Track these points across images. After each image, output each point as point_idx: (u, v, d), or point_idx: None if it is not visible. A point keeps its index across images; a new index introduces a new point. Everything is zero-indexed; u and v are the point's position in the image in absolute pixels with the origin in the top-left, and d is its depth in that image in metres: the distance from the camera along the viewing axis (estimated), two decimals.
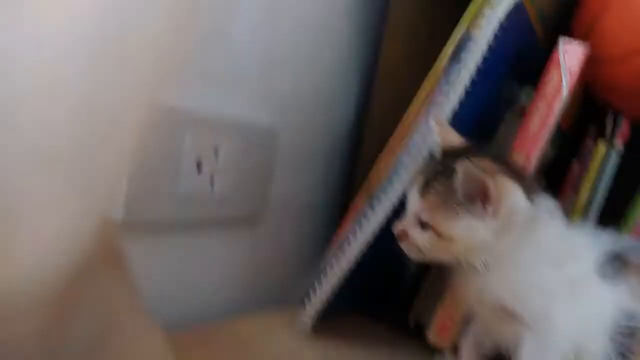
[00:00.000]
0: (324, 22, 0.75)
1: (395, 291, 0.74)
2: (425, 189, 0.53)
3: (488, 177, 0.49)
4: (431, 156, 0.58)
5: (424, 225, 0.52)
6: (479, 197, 0.50)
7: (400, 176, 0.60)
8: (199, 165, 0.62)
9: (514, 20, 0.61)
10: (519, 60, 0.69)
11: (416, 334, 0.68)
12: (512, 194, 0.51)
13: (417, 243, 0.53)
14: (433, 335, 0.66)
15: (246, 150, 0.67)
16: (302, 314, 0.65)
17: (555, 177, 0.75)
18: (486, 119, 0.68)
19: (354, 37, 0.81)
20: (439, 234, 0.51)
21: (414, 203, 0.54)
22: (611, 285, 0.51)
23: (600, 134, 0.73)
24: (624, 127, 0.72)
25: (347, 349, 0.64)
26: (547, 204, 0.54)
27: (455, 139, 0.56)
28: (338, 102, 0.82)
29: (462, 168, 0.49)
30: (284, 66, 0.71)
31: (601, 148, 0.71)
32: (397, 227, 0.55)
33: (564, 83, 0.62)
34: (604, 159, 0.71)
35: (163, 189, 0.59)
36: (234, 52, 0.64)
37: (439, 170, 0.53)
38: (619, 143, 0.71)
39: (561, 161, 0.76)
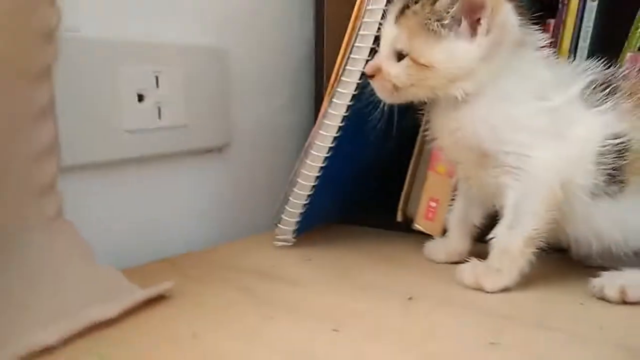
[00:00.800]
0: None
1: (378, 196, 0.70)
2: (402, 14, 0.49)
3: None
4: None
5: (400, 56, 0.49)
6: (468, 16, 0.46)
7: (354, 65, 0.56)
8: (141, 98, 0.59)
9: None
10: None
11: (406, 229, 0.65)
12: (505, 8, 0.47)
13: (392, 77, 0.49)
14: (420, 221, 0.63)
15: (194, 75, 0.64)
16: (279, 229, 0.62)
17: None
18: None
19: None
20: (417, 63, 0.47)
21: (388, 33, 0.50)
22: (598, 112, 0.48)
23: None
24: None
25: (329, 252, 0.61)
26: (532, 32, 0.50)
27: None
28: (294, 22, 0.77)
29: None
30: None
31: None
32: (369, 64, 0.51)
33: None
34: (578, 9, 0.64)
35: (106, 127, 0.57)
36: None
37: None
38: None
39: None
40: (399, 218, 0.66)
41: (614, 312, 0.44)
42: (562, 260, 0.55)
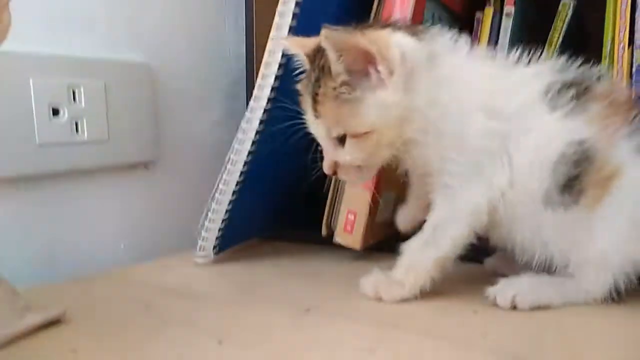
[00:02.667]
0: None
1: (305, 210, 0.70)
2: (316, 103, 0.47)
3: (357, 36, 0.43)
4: (301, 73, 0.51)
5: (342, 140, 0.47)
6: (367, 68, 0.44)
7: (263, 89, 0.56)
8: (55, 111, 0.59)
9: None
10: None
11: (330, 243, 0.63)
12: (391, 39, 0.44)
13: (350, 163, 0.47)
14: (340, 234, 0.61)
15: (115, 89, 0.63)
16: (200, 245, 0.61)
17: None
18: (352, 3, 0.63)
19: None
20: (358, 135, 0.45)
21: (318, 129, 0.48)
22: (561, 116, 0.45)
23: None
24: None
25: (247, 267, 0.60)
26: (444, 38, 0.48)
27: (311, 41, 0.49)
28: (226, 38, 0.77)
29: (324, 37, 0.42)
30: (144, 6, 0.67)
31: (487, 13, 0.66)
32: (324, 167, 0.49)
33: None
34: (492, 23, 0.65)
35: (19, 141, 0.56)
36: None
37: (316, 76, 0.47)
38: (507, 5, 0.66)
39: None
40: (324, 232, 0.65)
41: (503, 319, 0.43)
42: (474, 268, 0.55)
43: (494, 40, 0.66)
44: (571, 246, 0.46)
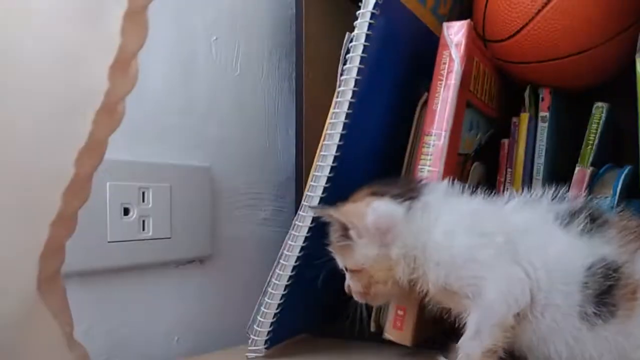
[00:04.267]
0: (242, 72, 0.79)
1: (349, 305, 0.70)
2: (331, 241, 0.57)
3: (331, 211, 0.54)
4: None
5: (347, 271, 0.56)
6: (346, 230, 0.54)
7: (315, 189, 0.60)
8: (126, 211, 0.63)
9: (389, 11, 0.62)
10: (423, 60, 0.70)
11: (380, 339, 0.63)
12: (366, 210, 0.53)
13: (352, 288, 0.56)
14: (389, 331, 0.62)
15: (179, 190, 0.68)
16: (252, 340, 0.62)
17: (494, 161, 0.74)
18: (395, 118, 0.68)
19: (274, 82, 0.84)
20: (352, 270, 0.55)
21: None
22: (579, 235, 0.49)
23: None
24: (545, 96, 0.71)
25: None
26: (439, 188, 0.55)
27: None
28: (274, 145, 0.84)
29: (314, 212, 0.56)
30: (209, 115, 0.74)
31: (523, 118, 0.70)
32: (345, 287, 0.58)
33: (454, 56, 0.62)
34: (528, 128, 0.69)
35: (92, 238, 0.60)
36: (152, 109, 0.67)
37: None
38: (542, 111, 0.70)
39: (497, 145, 0.74)
40: (372, 328, 0.66)
41: None
42: None
43: (531, 143, 0.69)
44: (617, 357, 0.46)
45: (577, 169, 0.66)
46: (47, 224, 0.30)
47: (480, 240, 0.50)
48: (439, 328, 0.61)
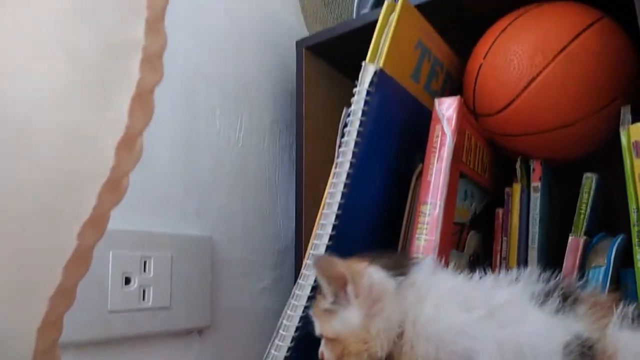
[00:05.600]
0: (244, 144, 0.81)
1: None
2: (314, 304, 0.56)
3: (339, 262, 0.52)
4: None
5: (323, 337, 0.54)
6: (341, 288, 0.52)
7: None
8: (127, 280, 0.63)
9: (384, 88, 0.65)
10: (417, 134, 0.72)
11: None
12: (365, 270, 0.52)
13: (325, 356, 0.54)
14: None
15: (179, 260, 0.68)
16: None
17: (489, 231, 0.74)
18: (392, 188, 0.69)
19: (275, 153, 0.86)
20: (327, 338, 0.53)
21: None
22: (554, 313, 0.48)
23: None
24: (536, 167, 0.72)
25: None
26: (425, 268, 0.54)
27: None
28: (274, 213, 0.84)
29: (313, 261, 0.53)
30: (211, 186, 0.75)
31: (516, 189, 0.71)
32: (320, 352, 0.55)
33: (446, 129, 0.64)
34: (521, 198, 0.70)
35: (93, 307, 0.60)
36: (155, 179, 0.69)
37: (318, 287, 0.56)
38: (534, 181, 0.71)
39: (492, 215, 0.75)
40: None
41: None
42: None
43: (525, 212, 0.70)
44: None
45: (570, 238, 0.66)
46: (47, 298, 0.30)
47: (468, 315, 0.49)
48: None
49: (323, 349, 0.54)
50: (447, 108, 0.65)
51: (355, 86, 0.64)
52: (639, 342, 0.47)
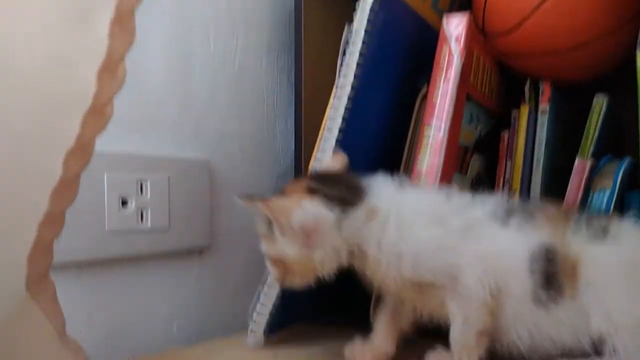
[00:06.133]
0: (240, 67, 0.77)
1: (351, 295, 0.70)
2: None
3: (259, 204, 0.50)
4: None
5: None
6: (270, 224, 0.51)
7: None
8: (124, 202, 0.62)
9: (389, 7, 0.60)
10: (422, 55, 0.68)
11: None
12: (294, 208, 0.49)
13: (272, 274, 0.54)
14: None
15: (177, 182, 0.67)
16: (252, 328, 0.61)
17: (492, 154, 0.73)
18: (395, 111, 0.67)
19: (273, 76, 0.82)
20: (270, 260, 0.53)
21: None
22: (516, 228, 0.50)
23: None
24: (545, 89, 0.69)
25: (298, 350, 0.60)
26: (384, 188, 0.52)
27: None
28: (272, 137, 0.82)
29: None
30: (207, 109, 0.73)
31: (523, 111, 0.68)
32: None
33: (454, 49, 0.61)
34: (528, 120, 0.67)
35: (90, 228, 0.59)
36: (149, 101, 0.66)
37: None
38: (542, 104, 0.68)
39: (497, 138, 0.73)
40: (372, 317, 0.65)
41: None
42: None
43: (531, 135, 0.68)
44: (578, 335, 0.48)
45: (577, 160, 0.64)
46: (35, 225, 0.29)
47: (441, 228, 0.49)
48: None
49: (269, 266, 0.54)
50: (455, 26, 0.61)
51: (358, 2, 0.60)
52: (602, 253, 0.49)
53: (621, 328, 0.47)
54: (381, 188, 0.52)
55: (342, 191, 0.51)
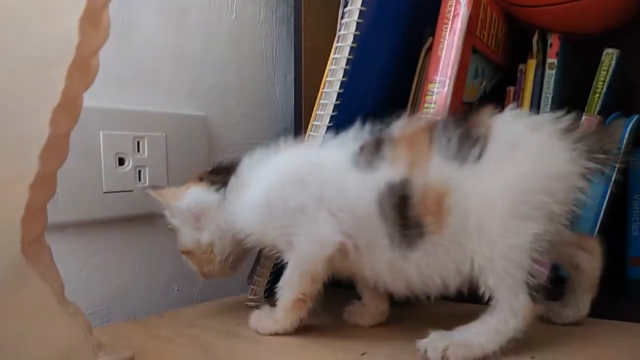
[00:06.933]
0: (238, 17, 0.74)
1: None
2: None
3: (150, 191, 0.55)
4: None
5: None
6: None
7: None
8: (121, 161, 0.61)
9: None
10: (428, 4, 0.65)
11: None
12: (184, 194, 0.54)
13: (195, 270, 0.57)
14: None
15: (175, 141, 0.65)
16: (251, 290, 0.61)
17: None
18: (398, 64, 0.64)
19: (271, 27, 0.79)
20: (184, 253, 0.56)
21: None
22: (367, 170, 0.46)
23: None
24: (553, 42, 0.66)
25: None
26: (249, 160, 0.53)
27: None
28: (272, 93, 0.80)
29: (148, 193, 0.55)
30: (204, 63, 0.70)
31: (531, 65, 0.65)
32: None
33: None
34: (535, 75, 0.65)
35: (87, 188, 0.58)
36: (143, 55, 0.63)
37: None
38: (550, 57, 0.65)
39: (502, 93, 0.70)
40: None
41: None
42: None
43: (537, 90, 0.65)
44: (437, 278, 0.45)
45: (583, 117, 0.62)
46: (26, 187, 0.28)
47: (290, 190, 0.49)
48: None
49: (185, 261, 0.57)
50: None
51: None
52: (477, 181, 0.43)
53: (501, 261, 0.42)
54: (246, 162, 0.53)
55: (223, 176, 0.54)
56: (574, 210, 0.45)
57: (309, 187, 0.48)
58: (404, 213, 0.44)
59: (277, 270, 0.59)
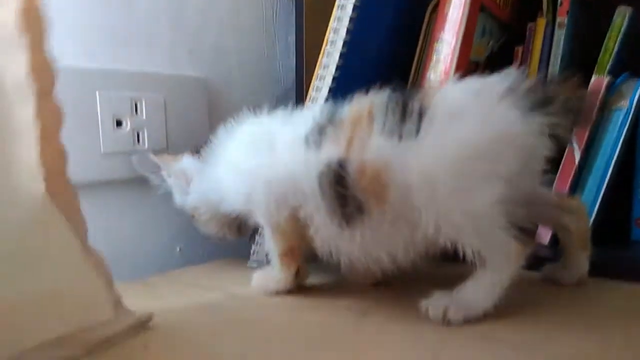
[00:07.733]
0: None
1: None
2: None
3: (152, 156, 0.58)
4: None
5: None
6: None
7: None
8: (119, 123, 0.59)
9: None
10: None
11: None
12: (176, 160, 0.58)
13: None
14: None
15: (173, 101, 0.63)
16: (254, 250, 0.60)
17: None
18: (403, 23, 0.62)
19: None
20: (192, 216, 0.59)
21: None
22: (314, 149, 0.46)
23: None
24: (564, 1, 0.63)
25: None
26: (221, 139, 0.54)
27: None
28: (272, 54, 0.77)
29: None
30: (203, 23, 0.68)
31: (540, 24, 0.63)
32: None
33: None
34: (544, 34, 0.63)
35: (85, 150, 0.56)
36: (141, 14, 0.61)
37: None
38: (560, 16, 0.63)
39: (509, 53, 0.68)
40: None
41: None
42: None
43: (547, 50, 0.63)
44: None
45: (593, 77, 0.60)
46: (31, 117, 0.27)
47: (246, 154, 0.51)
48: None
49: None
50: None
51: None
52: (416, 155, 0.42)
53: (462, 227, 0.41)
54: (222, 131, 0.55)
55: (207, 145, 0.56)
56: (543, 169, 0.44)
57: (261, 157, 0.50)
58: (341, 191, 0.44)
59: None
